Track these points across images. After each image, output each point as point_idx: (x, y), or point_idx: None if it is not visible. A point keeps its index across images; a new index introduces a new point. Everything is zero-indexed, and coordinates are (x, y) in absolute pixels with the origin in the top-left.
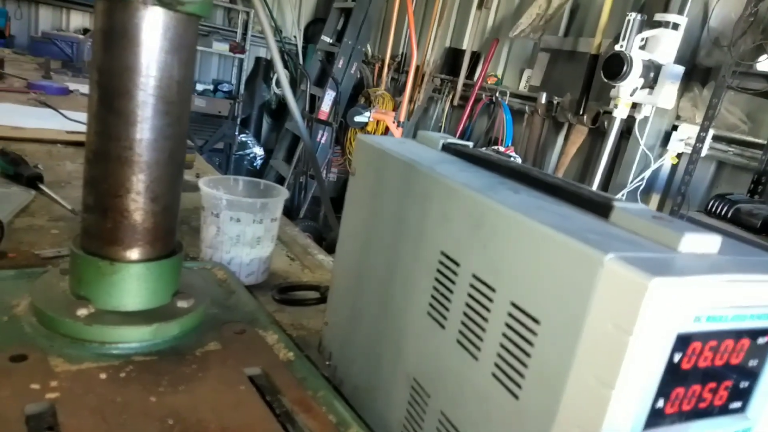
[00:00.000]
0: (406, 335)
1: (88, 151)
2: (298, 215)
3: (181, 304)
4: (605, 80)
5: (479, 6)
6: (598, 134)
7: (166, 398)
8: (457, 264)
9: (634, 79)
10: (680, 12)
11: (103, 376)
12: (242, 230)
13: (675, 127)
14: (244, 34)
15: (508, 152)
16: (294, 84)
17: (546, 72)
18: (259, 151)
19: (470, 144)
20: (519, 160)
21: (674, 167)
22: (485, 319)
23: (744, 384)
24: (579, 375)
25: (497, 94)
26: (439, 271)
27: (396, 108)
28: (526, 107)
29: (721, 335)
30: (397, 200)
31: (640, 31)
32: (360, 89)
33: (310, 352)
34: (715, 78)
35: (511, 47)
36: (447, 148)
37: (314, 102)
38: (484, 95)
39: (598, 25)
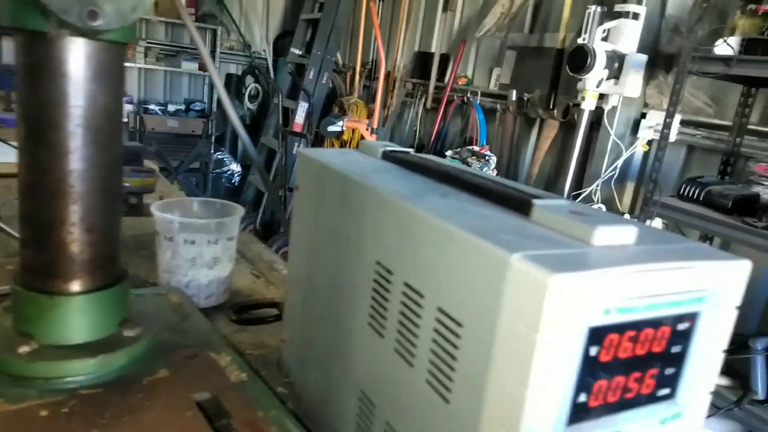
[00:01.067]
0: (352, 346)
1: (21, 185)
2: (279, 230)
3: (128, 332)
4: (571, 74)
5: (444, 9)
6: (569, 127)
7: (109, 430)
8: (390, 273)
9: (598, 70)
10: (639, 2)
11: (44, 413)
12: (198, 252)
13: (644, 115)
14: (213, 51)
15: (483, 151)
16: (266, 98)
17: (514, 69)
18: (236, 167)
19: (410, 150)
20: (494, 159)
21: (646, 154)
22: (417, 326)
23: (670, 370)
24: (497, 376)
25: (468, 95)
26: (375, 281)
27: (370, 115)
28: (498, 105)
29: (638, 325)
30: (336, 212)
31: (601, 22)
32: (334, 98)
33: (271, 370)
34: (677, 64)
35: (478, 47)
36: (387, 156)
37: (288, 115)
38: (455, 96)
39: (561, 19)
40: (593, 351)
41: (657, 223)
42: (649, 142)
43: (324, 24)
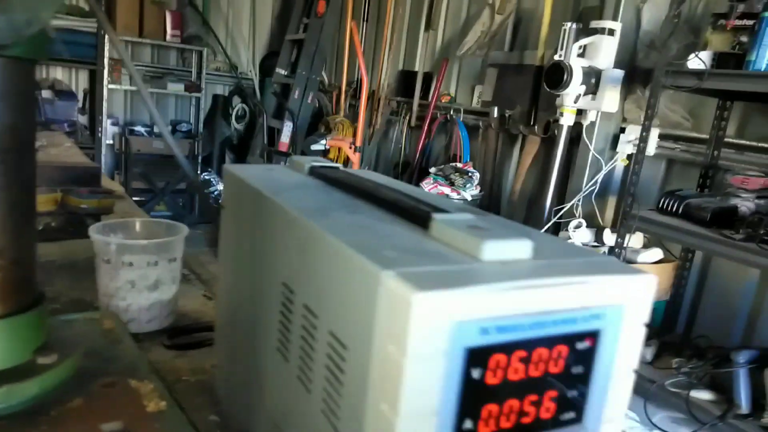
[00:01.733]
0: (264, 373)
1: None
2: None
3: (42, 360)
4: (548, 90)
5: (427, 28)
6: (551, 143)
7: None
8: (293, 293)
9: (575, 86)
10: (614, 18)
11: None
12: (137, 274)
13: (623, 130)
14: (199, 73)
15: (466, 167)
16: (253, 119)
17: (496, 87)
18: (222, 187)
19: (339, 165)
20: (477, 176)
21: (627, 168)
22: (313, 350)
23: (573, 393)
24: (374, 403)
25: (452, 112)
26: (282, 302)
27: (355, 133)
28: (480, 122)
29: (528, 344)
30: (251, 231)
31: (577, 39)
32: (320, 118)
33: (207, 397)
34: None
35: (461, 65)
36: (313, 171)
37: (273, 135)
38: (439, 114)
39: (540, 37)
40: (476, 373)
41: (637, 237)
42: (630, 157)
43: (308, 44)
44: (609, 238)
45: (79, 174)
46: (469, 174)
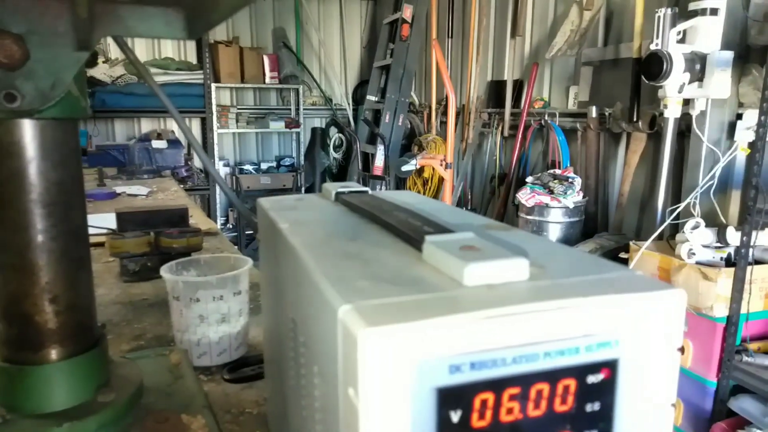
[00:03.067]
0: (288, 409)
1: None
2: None
3: (102, 398)
4: (648, 82)
5: (513, 35)
6: (658, 138)
7: None
8: (296, 327)
9: (677, 74)
10: None
11: None
12: (204, 309)
13: (740, 116)
14: (297, 109)
15: (566, 173)
16: (350, 147)
17: (592, 85)
18: None
19: (366, 189)
20: (578, 181)
21: (749, 158)
22: (312, 389)
23: None
24: None
25: (546, 117)
26: (291, 338)
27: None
28: (578, 124)
29: (519, 380)
30: (275, 264)
31: (674, 24)
32: (413, 138)
33: (265, 430)
34: None
35: (552, 68)
36: (339, 198)
37: (368, 160)
38: (533, 120)
39: (635, 27)
40: (455, 416)
41: (767, 234)
42: (751, 145)
43: (395, 68)
44: (733, 237)
45: (169, 216)
46: (570, 180)
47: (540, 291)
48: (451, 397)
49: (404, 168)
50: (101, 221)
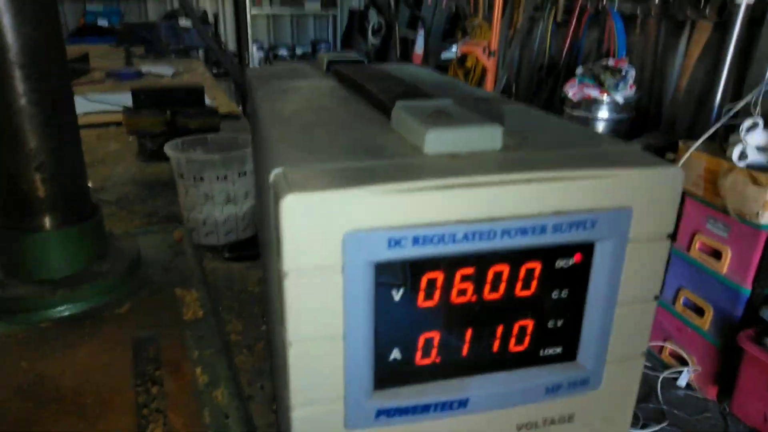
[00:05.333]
0: (268, 280)
1: None
2: None
3: (97, 268)
4: None
5: None
6: (725, 29)
7: (38, 363)
8: (261, 197)
9: None
10: None
11: None
12: (209, 189)
13: None
14: None
15: (619, 65)
16: (390, 32)
17: None
18: None
19: (363, 60)
20: (632, 73)
21: None
22: (270, 265)
23: (557, 323)
24: (279, 323)
25: (604, 2)
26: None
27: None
28: (639, 10)
29: (474, 260)
30: (254, 136)
31: None
32: (458, 22)
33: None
34: None
35: None
36: (329, 68)
37: (407, 47)
38: (589, 5)
39: None
40: (397, 294)
41: None
42: None
43: None
44: None
45: (184, 95)
46: (623, 72)
47: (508, 162)
48: (390, 274)
49: (444, 56)
50: (121, 100)
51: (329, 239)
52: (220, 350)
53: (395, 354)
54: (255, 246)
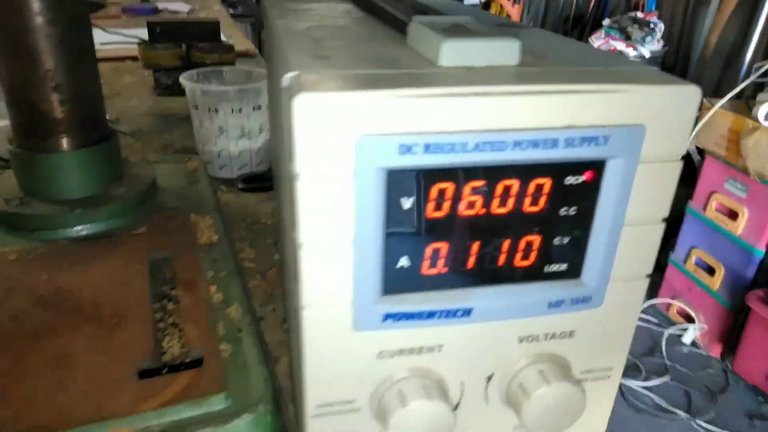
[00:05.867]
0: (279, 205)
1: None
2: None
3: (113, 191)
4: None
5: None
6: None
7: (58, 276)
8: (276, 114)
9: None
10: None
11: (13, 257)
12: (223, 121)
13: None
14: None
15: (648, 18)
16: None
17: None
18: None
19: None
20: (661, 27)
21: None
22: (284, 184)
23: (562, 240)
24: (290, 230)
25: None
26: (279, 133)
27: None
28: None
29: (484, 173)
30: (270, 62)
31: None
32: None
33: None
34: None
35: None
36: None
37: None
38: None
39: None
40: (407, 203)
41: None
42: None
43: None
44: None
45: (200, 30)
46: (651, 25)
47: (524, 75)
48: (401, 181)
49: (468, 0)
50: (136, 34)
51: (341, 142)
52: (234, 272)
53: (403, 262)
54: (268, 179)
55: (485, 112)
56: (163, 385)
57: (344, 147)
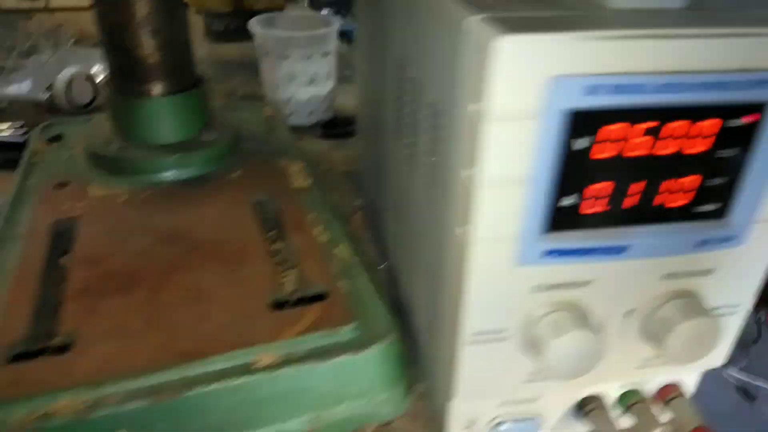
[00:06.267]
0: (387, 155)
1: None
2: None
3: (206, 137)
4: None
5: None
6: None
7: (171, 216)
8: (403, 68)
9: None
10: None
11: (123, 199)
12: (293, 68)
13: None
14: None
15: None
16: None
17: None
18: None
19: None
20: None
21: None
22: (417, 124)
23: (717, 181)
24: (457, 167)
25: None
26: (396, 80)
27: None
28: None
29: (657, 114)
30: (375, 7)
31: None
32: None
33: (355, 185)
34: None
35: None
36: None
37: None
38: None
39: None
40: (580, 144)
41: None
42: None
43: None
44: None
45: None
46: None
47: (693, 17)
48: (579, 122)
49: None
50: None
51: (532, 83)
52: (331, 212)
53: (566, 201)
54: (346, 125)
55: (664, 54)
56: (295, 317)
57: (533, 87)
